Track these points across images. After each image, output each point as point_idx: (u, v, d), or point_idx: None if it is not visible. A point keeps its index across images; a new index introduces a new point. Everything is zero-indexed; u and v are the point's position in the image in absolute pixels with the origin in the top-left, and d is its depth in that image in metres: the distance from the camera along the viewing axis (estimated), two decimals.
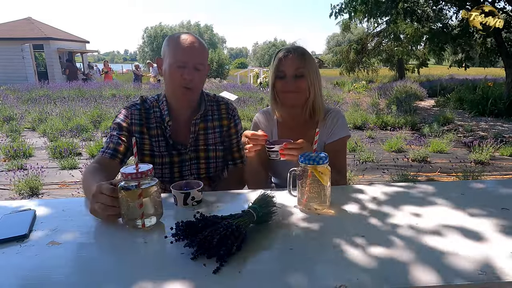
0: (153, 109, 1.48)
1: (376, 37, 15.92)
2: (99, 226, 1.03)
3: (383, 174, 4.21)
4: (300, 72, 1.43)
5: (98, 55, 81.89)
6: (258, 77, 15.54)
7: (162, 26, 50.91)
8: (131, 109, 1.47)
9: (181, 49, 1.35)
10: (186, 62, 1.35)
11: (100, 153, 1.41)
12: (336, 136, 1.50)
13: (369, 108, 8.81)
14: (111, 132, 1.45)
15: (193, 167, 1.51)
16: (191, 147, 1.49)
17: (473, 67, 12.59)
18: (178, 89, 1.38)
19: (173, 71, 1.36)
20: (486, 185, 1.49)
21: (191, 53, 1.36)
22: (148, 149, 1.47)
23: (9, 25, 18.58)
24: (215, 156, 1.53)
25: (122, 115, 1.46)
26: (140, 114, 1.46)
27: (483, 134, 6.27)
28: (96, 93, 11.35)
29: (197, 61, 1.37)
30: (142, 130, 1.46)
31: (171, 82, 1.39)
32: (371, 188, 1.30)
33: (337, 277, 0.76)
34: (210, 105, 1.54)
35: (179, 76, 1.35)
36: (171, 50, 1.37)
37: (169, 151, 1.48)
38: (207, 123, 1.52)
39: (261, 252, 0.88)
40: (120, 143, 1.41)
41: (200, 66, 1.38)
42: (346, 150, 1.57)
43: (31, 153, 5.13)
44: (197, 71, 1.37)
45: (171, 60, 1.36)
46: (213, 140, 1.53)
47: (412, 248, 0.87)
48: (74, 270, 0.81)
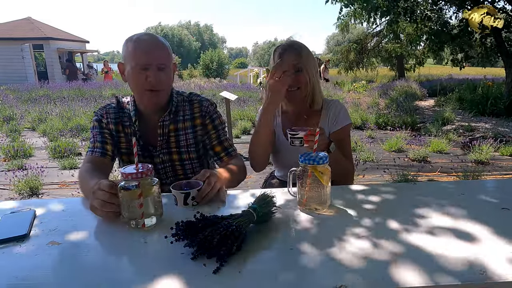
0: (126, 108, 1.47)
1: (376, 37, 15.93)
2: (99, 226, 1.03)
3: (383, 174, 4.21)
4: (298, 67, 1.47)
5: (98, 55, 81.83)
6: (258, 77, 15.54)
7: (162, 26, 50.94)
8: (105, 108, 1.46)
9: (141, 51, 1.29)
10: (148, 64, 1.29)
11: (89, 152, 1.39)
12: (340, 125, 1.56)
13: (369, 108, 8.81)
14: (93, 132, 1.44)
15: (168, 170, 1.49)
16: (162, 149, 1.46)
17: (472, 67, 12.60)
18: (144, 92, 1.33)
19: (136, 75, 1.30)
20: (486, 185, 1.49)
21: (152, 53, 1.30)
22: (124, 147, 1.46)
23: (9, 25, 18.57)
24: (188, 157, 1.49)
25: (99, 114, 1.45)
26: (115, 113, 1.45)
27: (483, 133, 6.26)
28: (96, 93, 11.35)
29: (160, 61, 1.31)
30: (118, 128, 1.45)
31: (136, 86, 1.34)
32: (371, 188, 1.30)
33: (337, 277, 0.76)
34: (182, 105, 1.48)
35: (143, 79, 1.30)
36: (131, 53, 1.30)
37: (142, 152, 1.46)
38: (177, 124, 1.46)
39: (261, 252, 0.88)
40: (106, 141, 1.41)
41: (163, 65, 1.32)
42: (350, 138, 1.64)
43: (31, 153, 5.14)
44: (161, 71, 1.32)
45: (133, 64, 1.29)
46: (185, 142, 1.47)
47: (412, 248, 0.87)
48: (74, 270, 0.81)
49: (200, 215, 0.94)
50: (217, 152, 1.51)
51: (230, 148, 1.51)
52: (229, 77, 22.32)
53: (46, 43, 17.65)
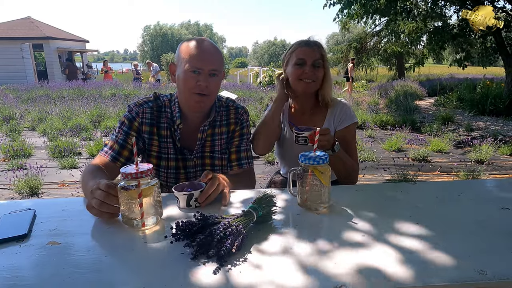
0: (164, 108, 1.43)
1: (376, 36, 15.92)
2: (99, 226, 1.03)
3: (383, 174, 4.21)
4: (319, 63, 1.55)
5: (97, 54, 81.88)
6: (258, 77, 15.54)
7: (161, 26, 50.84)
8: (143, 106, 1.40)
9: (196, 55, 1.30)
10: (201, 68, 1.30)
11: (103, 152, 1.36)
12: (346, 123, 1.60)
13: (369, 107, 8.82)
14: (119, 128, 1.39)
15: (199, 174, 1.46)
16: (197, 153, 1.46)
17: (472, 66, 12.58)
18: (192, 95, 1.33)
19: (188, 77, 1.31)
20: (486, 185, 1.49)
21: (207, 58, 1.31)
22: (155, 151, 1.43)
23: (9, 24, 18.56)
24: (220, 163, 1.49)
25: (134, 112, 1.39)
26: (151, 113, 1.41)
27: (483, 133, 6.26)
28: (96, 93, 11.35)
29: (213, 67, 1.32)
30: (152, 131, 1.41)
31: (185, 88, 1.33)
32: (371, 188, 1.30)
33: (337, 277, 0.76)
34: (220, 110, 1.49)
35: (194, 82, 1.30)
36: (186, 55, 1.31)
37: (176, 155, 1.44)
38: (214, 129, 1.47)
39: (261, 252, 0.87)
40: (125, 145, 1.36)
41: (216, 71, 1.34)
42: (356, 136, 1.68)
43: (31, 152, 5.14)
44: (212, 77, 1.33)
45: (186, 66, 1.30)
46: (219, 147, 1.48)
47: (412, 248, 0.87)
48: (74, 270, 0.81)
49: (200, 215, 0.94)
50: (231, 159, 1.50)
51: (245, 160, 1.50)
52: (229, 77, 22.30)
53: (46, 42, 17.65)
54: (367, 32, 16.31)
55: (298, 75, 1.54)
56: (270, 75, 14.26)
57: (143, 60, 38.88)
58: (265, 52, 63.53)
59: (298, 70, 1.54)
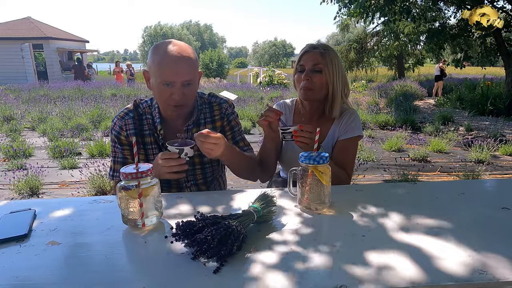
0: (145, 115, 1.43)
1: (376, 36, 15.93)
2: (99, 226, 1.03)
3: (384, 174, 4.21)
4: (318, 68, 1.46)
5: (97, 54, 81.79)
6: (258, 77, 15.54)
7: (161, 26, 50.84)
8: (124, 119, 1.41)
9: (166, 68, 1.24)
10: (173, 81, 1.25)
11: (110, 178, 1.43)
12: (349, 134, 1.51)
13: (369, 108, 8.82)
14: (113, 146, 1.44)
15: (189, 173, 1.47)
16: None
17: (472, 66, 12.57)
18: (168, 107, 1.32)
19: (161, 91, 1.28)
20: (486, 185, 1.49)
21: (178, 71, 1.25)
22: (143, 158, 1.43)
23: (9, 24, 18.57)
24: (210, 161, 1.48)
25: (117, 127, 1.41)
26: (134, 123, 1.41)
27: (483, 133, 6.26)
28: (96, 93, 11.35)
29: (186, 78, 1.27)
30: (137, 140, 1.41)
31: (160, 100, 1.33)
32: (371, 188, 1.30)
33: (337, 277, 0.76)
34: (203, 108, 1.48)
35: (168, 95, 1.27)
36: (156, 67, 1.26)
37: None
38: (199, 127, 1.44)
39: (261, 252, 0.87)
40: (127, 158, 1.41)
41: (190, 81, 1.29)
42: (357, 151, 1.59)
43: (31, 152, 5.13)
44: (187, 86, 1.29)
45: (158, 79, 1.26)
46: None
47: (412, 248, 0.87)
48: (74, 270, 0.81)
49: (200, 215, 0.94)
50: None
51: (245, 148, 1.51)
52: (229, 77, 22.33)
53: (46, 42, 17.66)
54: (367, 33, 16.32)
55: (297, 82, 1.51)
56: (270, 75, 14.27)
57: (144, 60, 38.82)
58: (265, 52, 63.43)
59: (297, 77, 1.51)
